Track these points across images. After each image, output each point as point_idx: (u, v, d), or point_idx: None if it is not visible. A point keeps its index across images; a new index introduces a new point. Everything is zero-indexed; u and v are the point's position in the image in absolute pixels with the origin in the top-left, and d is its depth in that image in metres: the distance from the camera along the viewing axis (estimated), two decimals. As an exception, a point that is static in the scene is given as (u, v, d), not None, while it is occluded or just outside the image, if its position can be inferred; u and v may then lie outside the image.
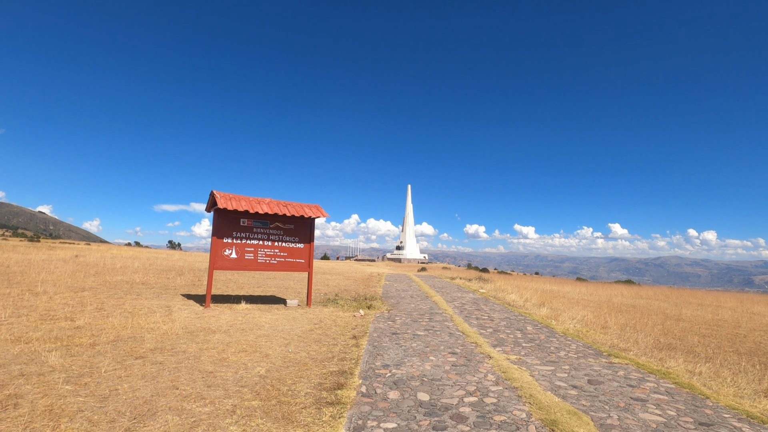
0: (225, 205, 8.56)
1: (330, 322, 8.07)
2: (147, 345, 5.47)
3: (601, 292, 23.85)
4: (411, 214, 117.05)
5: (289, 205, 9.54)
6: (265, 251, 9.38)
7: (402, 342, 6.40)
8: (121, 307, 8.00)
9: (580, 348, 6.48)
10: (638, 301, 19.47)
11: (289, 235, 9.75)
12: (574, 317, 10.21)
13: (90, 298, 8.81)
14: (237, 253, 9.03)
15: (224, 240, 8.92)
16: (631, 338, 7.95)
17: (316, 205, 10.02)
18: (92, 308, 7.72)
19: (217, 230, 8.86)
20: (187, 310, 8.23)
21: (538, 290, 19.13)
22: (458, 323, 8.26)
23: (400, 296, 13.13)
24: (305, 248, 9.91)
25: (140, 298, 9.37)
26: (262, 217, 9.43)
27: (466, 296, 13.78)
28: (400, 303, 11.33)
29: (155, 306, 8.48)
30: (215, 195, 8.71)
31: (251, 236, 9.27)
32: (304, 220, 9.93)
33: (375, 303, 10.61)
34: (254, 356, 5.30)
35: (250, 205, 8.97)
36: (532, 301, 13.34)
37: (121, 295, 9.63)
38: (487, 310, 10.56)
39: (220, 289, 12.62)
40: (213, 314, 8.00)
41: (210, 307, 8.62)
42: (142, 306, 8.34)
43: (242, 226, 9.19)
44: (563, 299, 15.93)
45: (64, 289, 9.84)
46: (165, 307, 8.37)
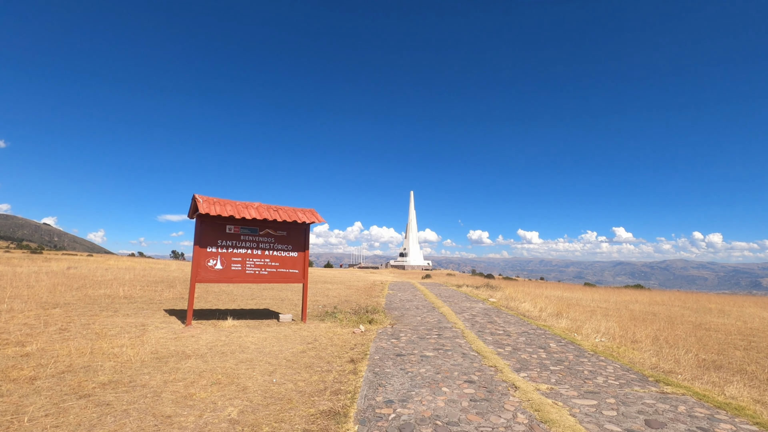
0: (208, 210, 7.65)
1: (326, 340, 7.11)
2: (101, 377, 4.53)
3: (614, 298, 22.77)
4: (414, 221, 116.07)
5: (280, 210, 8.63)
6: (254, 261, 8.45)
7: (408, 366, 5.43)
8: (88, 327, 7.07)
9: (618, 371, 5.48)
10: (655, 308, 18.40)
11: (281, 242, 8.82)
12: (598, 330, 9.21)
13: (58, 317, 7.88)
14: (222, 263, 8.11)
15: (208, 249, 8.01)
16: (669, 356, 6.94)
17: (311, 209, 9.11)
18: (54, 329, 6.79)
19: (200, 238, 7.94)
20: (164, 329, 7.29)
21: (551, 298, 18.10)
22: (471, 340, 7.27)
23: (404, 307, 12.14)
24: (299, 257, 8.98)
25: (116, 315, 8.44)
26: (251, 224, 8.51)
27: (476, 306, 12.78)
28: (404, 316, 10.36)
29: (129, 324, 7.54)
30: (197, 199, 7.81)
31: (238, 245, 8.35)
32: (298, 226, 9.00)
33: (377, 316, 9.64)
34: (229, 390, 4.35)
35: (236, 209, 8.06)
36: (548, 310, 12.33)
37: (96, 312, 8.70)
38: (500, 322, 9.57)
39: (209, 302, 11.69)
40: (193, 334, 7.05)
41: (191, 325, 7.68)
42: (113, 325, 7.41)
43: (228, 233, 8.27)
44: (578, 307, 14.89)
45: (35, 306, 8.93)
46: (140, 326, 7.44)
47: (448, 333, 7.97)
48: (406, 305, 12.72)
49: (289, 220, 8.49)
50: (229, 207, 8.01)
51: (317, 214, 9.04)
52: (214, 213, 7.67)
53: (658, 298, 23.87)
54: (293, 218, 8.52)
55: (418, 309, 11.79)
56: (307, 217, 8.78)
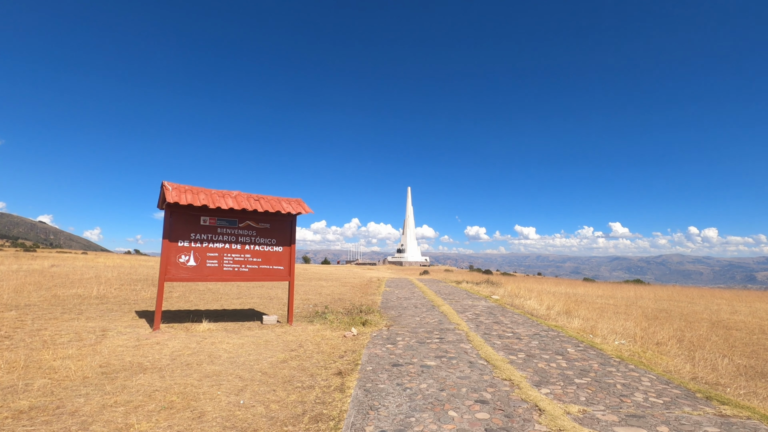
0: (177, 199, 6.71)
1: (312, 346, 6.21)
2: (21, 401, 3.62)
3: (618, 293, 22.02)
4: (411, 217, 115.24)
5: (262, 199, 7.70)
6: (233, 257, 7.53)
7: (406, 381, 4.54)
8: (37, 334, 6.13)
9: (657, 385, 4.61)
10: (663, 304, 17.62)
11: (264, 236, 7.90)
12: (615, 330, 8.36)
13: (8, 321, 6.95)
14: (196, 259, 7.18)
15: (179, 243, 7.07)
16: (704, 362, 6.09)
17: (297, 199, 8.19)
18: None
19: (170, 231, 7.01)
20: (127, 335, 6.37)
21: (555, 294, 17.27)
22: (478, 345, 6.39)
23: (402, 306, 11.26)
24: (284, 252, 8.06)
25: (77, 319, 7.51)
26: (229, 215, 7.58)
27: (479, 304, 11.91)
28: (402, 316, 9.47)
29: (88, 330, 6.62)
30: (165, 186, 6.87)
31: (215, 238, 7.42)
32: (283, 218, 8.08)
33: (372, 317, 8.74)
34: (180, 418, 3.44)
35: (210, 198, 7.13)
36: (556, 308, 11.48)
37: (56, 315, 7.77)
38: (507, 323, 8.70)
39: (190, 302, 10.76)
40: (159, 340, 6.14)
41: (160, 330, 6.76)
42: (69, 331, 6.48)
43: (203, 225, 7.34)
44: (585, 304, 14.07)
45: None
46: (100, 332, 6.51)
47: (451, 336, 7.08)
48: (403, 304, 11.84)
49: (272, 211, 7.56)
50: (203, 195, 7.07)
51: (304, 204, 8.12)
52: (184, 202, 6.74)
53: (661, 293, 23.11)
54: (277, 208, 7.59)
55: (417, 308, 10.91)
56: (292, 207, 7.86)
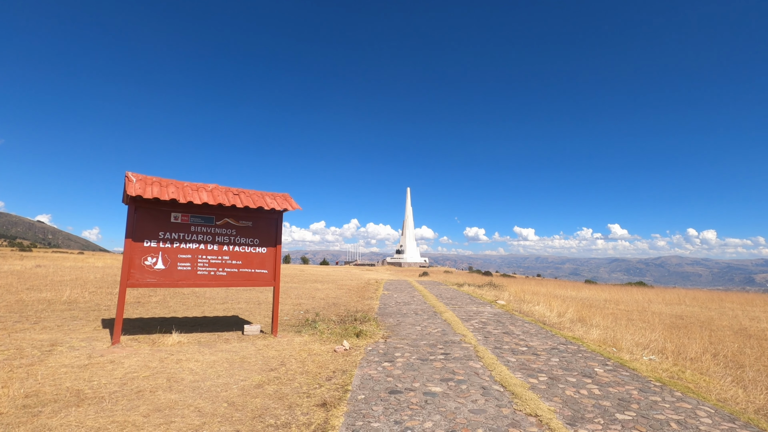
0: (141, 192, 5.79)
1: (296, 365, 5.29)
2: None
3: (625, 297, 21.14)
4: (411, 217, 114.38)
5: (242, 194, 6.78)
6: (208, 259, 6.60)
7: (406, 416, 3.62)
8: (-30, 350, 5.21)
9: (722, 423, 3.69)
10: (675, 308, 16.75)
11: (246, 235, 6.98)
12: (639, 342, 7.46)
13: (-54, 332, 6.02)
14: (165, 262, 6.25)
15: (145, 244, 6.15)
16: (755, 384, 5.19)
17: (283, 194, 7.27)
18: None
19: (134, 229, 6.08)
20: (78, 351, 5.44)
21: (561, 298, 16.36)
22: (490, 363, 5.46)
23: (401, 312, 10.33)
24: (268, 254, 7.13)
25: (30, 329, 6.58)
26: (205, 211, 6.66)
27: (484, 311, 10.99)
28: (401, 324, 8.54)
29: (35, 343, 5.68)
30: (127, 178, 5.94)
31: (188, 238, 6.49)
32: (266, 215, 7.16)
33: (368, 326, 7.83)
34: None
35: (181, 192, 6.20)
36: (568, 315, 10.57)
37: (7, 325, 6.83)
38: (519, 333, 7.78)
39: (168, 308, 9.82)
40: (114, 358, 5.21)
41: (120, 344, 5.83)
42: (11, 345, 5.55)
43: (174, 223, 6.41)
44: (595, 310, 13.17)
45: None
46: (48, 346, 5.58)
47: (458, 351, 6.16)
48: (402, 310, 10.91)
49: (253, 207, 6.64)
50: (173, 189, 6.15)
51: (291, 200, 7.20)
52: (149, 195, 5.81)
53: (668, 296, 22.21)
54: (259, 204, 6.67)
55: (417, 315, 9.98)
56: (277, 203, 6.94)
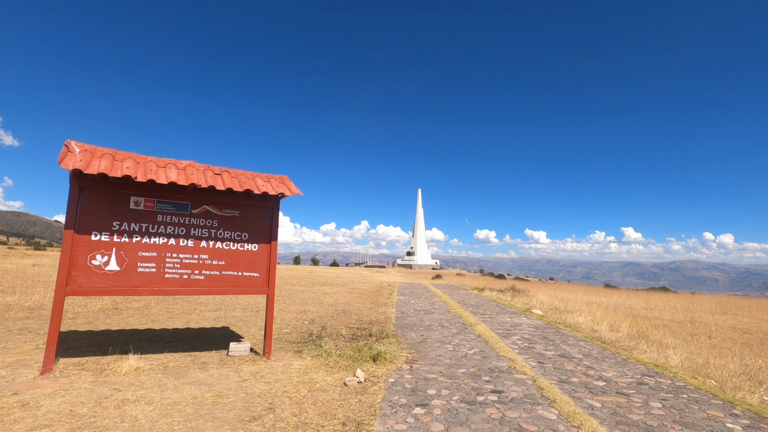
0: (83, 166, 4.24)
1: (290, 410, 3.69)
2: None
3: (660, 304, 19.25)
4: (422, 219, 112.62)
5: (226, 173, 5.20)
6: (181, 258, 5.03)
7: None
8: None
9: None
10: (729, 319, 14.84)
11: (232, 228, 5.40)
12: (736, 371, 5.72)
13: None
14: (121, 261, 4.70)
15: (93, 236, 4.60)
16: None
17: (281, 176, 5.68)
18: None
19: (79, 218, 4.54)
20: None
21: (600, 307, 14.53)
22: (569, 413, 3.78)
23: (423, 324, 8.67)
24: (260, 252, 5.54)
25: (-49, 347, 5.08)
26: (178, 195, 5.10)
27: (521, 322, 9.28)
28: (427, 341, 6.90)
29: (-64, 372, 4.17)
30: (68, 147, 4.39)
31: (153, 230, 4.93)
32: (259, 203, 5.58)
33: (386, 345, 6.20)
34: None
35: (141, 168, 4.63)
36: (623, 330, 8.80)
37: (-73, 340, 5.35)
38: (579, 356, 6.08)
39: (148, 316, 8.28)
40: (31, 397, 3.66)
41: (52, 373, 4.27)
42: None
43: (135, 210, 4.86)
44: (645, 321, 11.38)
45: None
46: (-50, 376, 4.06)
47: (513, 387, 4.49)
48: (424, 320, 9.25)
49: (239, 190, 5.05)
50: (129, 163, 4.58)
51: (289, 183, 5.61)
52: (93, 171, 4.26)
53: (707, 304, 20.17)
54: (246, 186, 5.08)
55: (444, 327, 8.31)
56: (272, 187, 5.34)
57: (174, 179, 4.62)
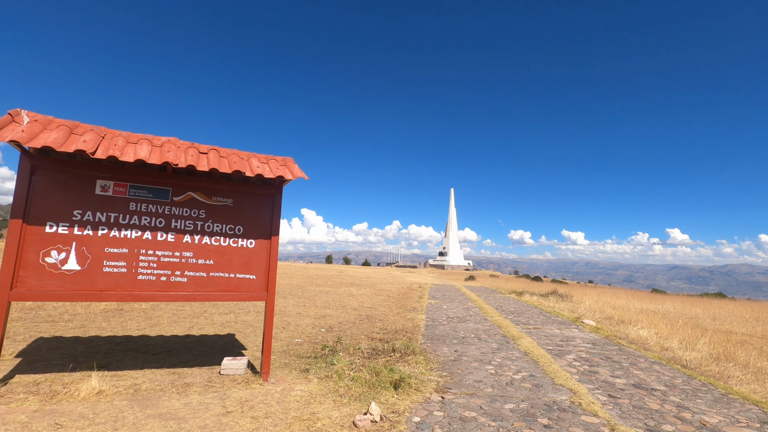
0: (25, 138, 3.36)
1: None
2: None
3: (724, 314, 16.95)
4: (454, 219, 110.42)
5: (213, 152, 4.23)
6: (158, 256, 4.10)
7: None
8: None
9: None
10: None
11: (223, 219, 4.43)
12: None
13: None
14: (82, 258, 3.81)
15: (48, 228, 3.74)
16: None
17: (284, 158, 4.66)
18: None
19: (30, 205, 3.69)
20: None
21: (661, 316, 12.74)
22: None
23: (457, 335, 7.47)
24: (258, 249, 4.55)
25: None
26: (156, 179, 4.17)
27: (573, 336, 7.89)
28: (462, 359, 5.70)
29: None
30: (16, 117, 3.53)
31: (124, 221, 4.03)
32: (256, 189, 4.59)
33: (412, 365, 5.07)
34: None
35: (104, 144, 3.72)
36: (702, 349, 7.25)
37: None
38: (661, 387, 4.73)
39: (151, 320, 7.50)
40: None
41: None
42: None
43: (101, 196, 3.97)
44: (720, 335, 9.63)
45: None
46: None
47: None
48: (458, 330, 8.04)
49: (226, 171, 4.05)
50: (89, 136, 3.68)
51: (292, 165, 4.58)
52: (38, 144, 3.37)
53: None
54: (237, 168, 4.07)
55: (482, 340, 7.08)
56: (270, 169, 4.32)
57: (143, 157, 3.67)
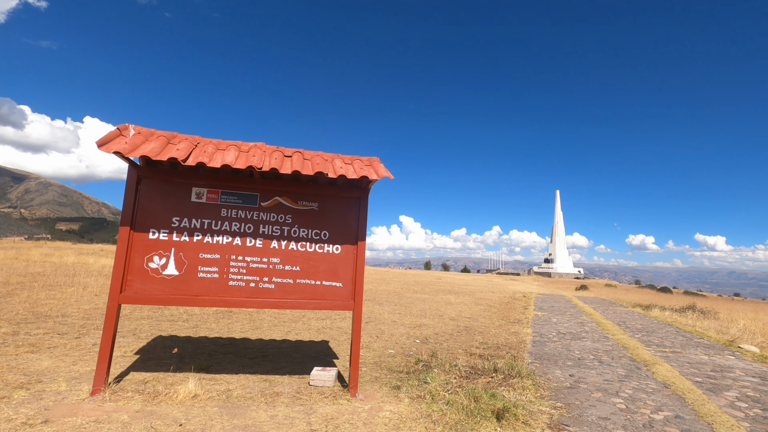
0: (129, 150, 3.54)
1: None
2: None
3: None
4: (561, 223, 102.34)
5: (298, 155, 4.10)
6: (247, 261, 4.09)
7: None
8: None
9: None
10: None
11: (308, 224, 4.29)
12: None
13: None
14: (180, 264, 3.93)
15: (151, 234, 3.92)
16: None
17: (369, 158, 4.38)
18: None
19: (136, 212, 3.91)
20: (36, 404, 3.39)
21: None
22: None
23: (571, 354, 6.45)
24: (344, 256, 4.31)
25: (22, 351, 5.01)
26: (244, 185, 4.18)
27: (731, 366, 6.29)
28: (579, 388, 4.80)
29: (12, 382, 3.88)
30: (123, 131, 3.76)
31: (216, 227, 4.09)
32: (341, 192, 4.37)
33: (517, 391, 4.36)
34: None
35: (195, 152, 3.79)
36: None
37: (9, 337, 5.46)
38: None
39: (253, 321, 7.83)
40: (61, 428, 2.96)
41: (100, 394, 3.63)
42: None
43: (197, 203, 4.08)
44: None
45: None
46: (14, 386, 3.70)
47: None
48: (572, 349, 6.97)
49: (308, 173, 3.87)
50: (183, 145, 3.78)
51: (378, 165, 4.26)
52: (138, 154, 3.52)
53: None
54: (319, 169, 3.87)
55: (603, 363, 5.99)
56: (354, 170, 4.06)
57: (229, 162, 3.66)
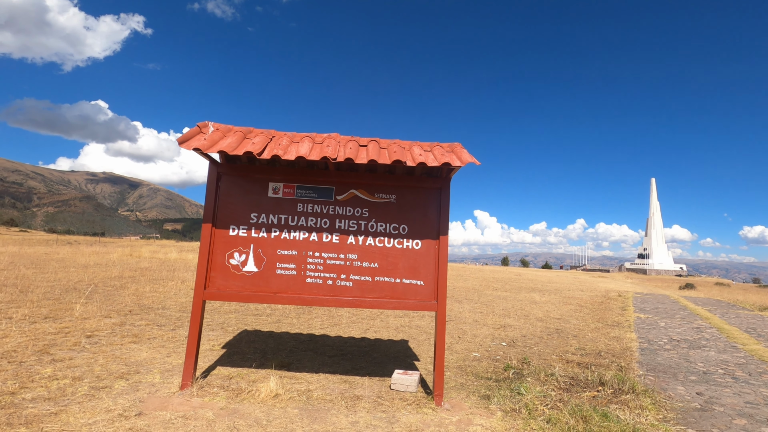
0: (208, 146, 3.52)
1: None
2: None
3: None
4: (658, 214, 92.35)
5: (373, 144, 3.83)
6: (324, 258, 3.92)
7: None
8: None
9: None
10: None
11: (385, 218, 4.01)
12: None
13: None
14: (258, 260, 3.88)
15: (231, 231, 3.91)
16: None
17: (451, 144, 3.97)
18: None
19: (217, 209, 3.92)
20: (129, 396, 3.51)
21: None
22: None
23: (692, 367, 5.46)
24: (424, 251, 3.96)
25: (126, 342, 5.32)
26: (319, 178, 4.01)
27: None
28: (713, 410, 3.96)
29: (104, 370, 4.11)
30: (203, 128, 3.77)
31: (293, 222, 3.97)
32: (421, 183, 4.02)
33: (633, 411, 3.69)
34: None
35: (270, 145, 3.68)
36: None
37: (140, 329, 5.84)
38: None
39: (332, 317, 7.81)
40: (149, 422, 3.00)
41: (189, 389, 3.68)
42: (84, 364, 4.10)
43: (273, 198, 3.99)
44: None
45: None
46: (113, 377, 3.90)
47: None
48: (693, 360, 5.93)
49: (385, 162, 3.57)
50: (258, 139, 3.69)
51: (460, 150, 3.83)
52: (215, 149, 3.49)
53: None
54: (397, 158, 3.55)
55: (740, 381, 4.97)
56: (434, 157, 3.68)
57: (303, 153, 3.49)
